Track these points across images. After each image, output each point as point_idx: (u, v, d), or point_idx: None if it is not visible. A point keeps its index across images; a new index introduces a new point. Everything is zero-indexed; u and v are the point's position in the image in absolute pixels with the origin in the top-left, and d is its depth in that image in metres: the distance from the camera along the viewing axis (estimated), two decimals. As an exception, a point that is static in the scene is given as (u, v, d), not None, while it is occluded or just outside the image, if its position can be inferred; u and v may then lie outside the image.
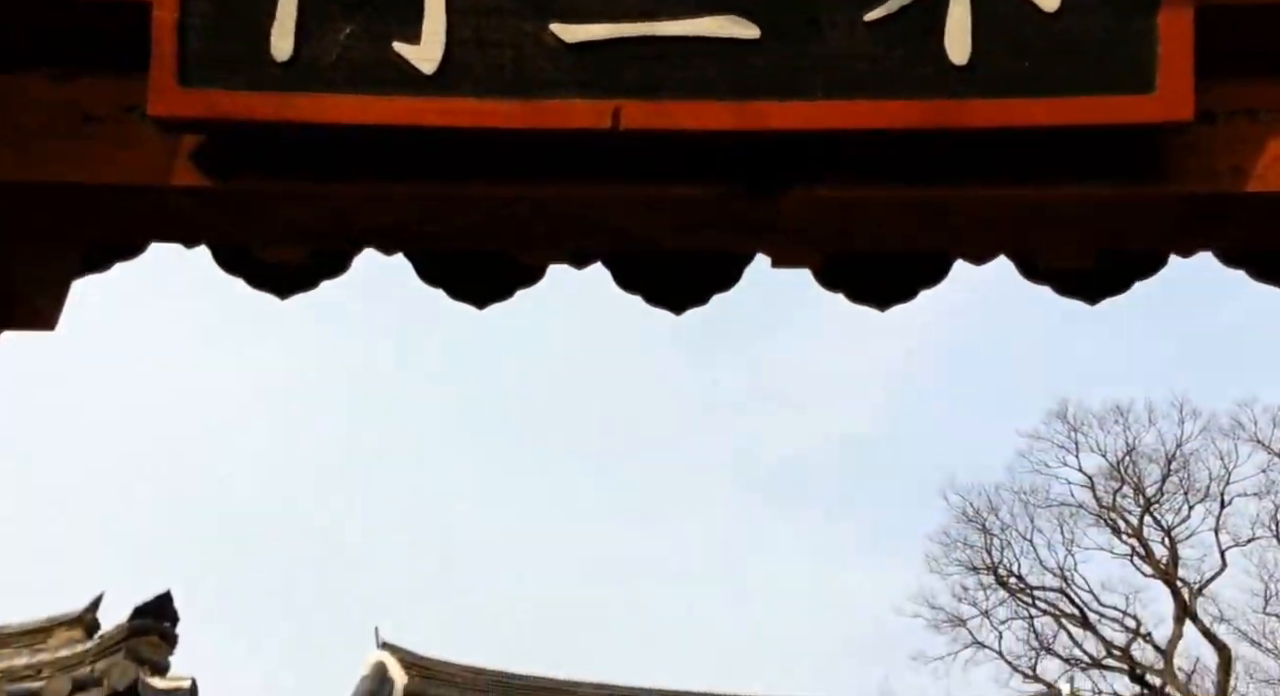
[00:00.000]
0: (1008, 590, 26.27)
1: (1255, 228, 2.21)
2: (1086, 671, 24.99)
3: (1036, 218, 2.36)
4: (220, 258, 2.79)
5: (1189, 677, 23.66)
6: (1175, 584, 24.24)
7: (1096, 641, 25.10)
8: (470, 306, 3.01)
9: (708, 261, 2.91)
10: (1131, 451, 25.62)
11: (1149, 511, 25.20)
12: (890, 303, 2.96)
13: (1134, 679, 24.39)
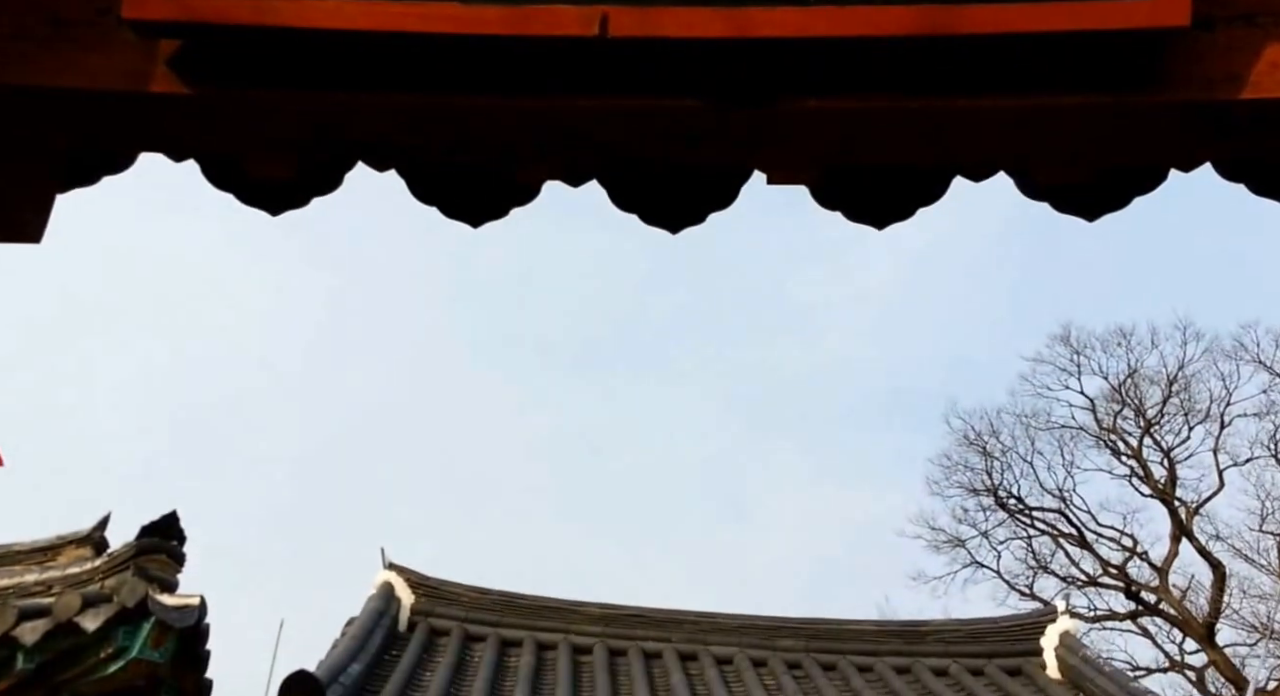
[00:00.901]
0: (1007, 511, 26.63)
1: (1253, 137, 2.16)
2: (1083, 589, 25.48)
3: (1033, 129, 2.31)
4: (209, 172, 2.75)
5: (1183, 594, 24.09)
6: (1173, 503, 24.53)
7: (1093, 560, 25.54)
8: (465, 224, 2.99)
9: (704, 179, 2.87)
10: (1133, 374, 25.70)
11: (1149, 433, 25.37)
12: (888, 221, 2.93)
13: (1129, 596, 24.86)
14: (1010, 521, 26.67)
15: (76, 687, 6.14)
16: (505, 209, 2.96)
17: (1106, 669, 11.39)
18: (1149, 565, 24.85)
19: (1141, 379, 25.59)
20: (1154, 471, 25.23)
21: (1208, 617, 23.08)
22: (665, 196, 2.92)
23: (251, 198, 2.84)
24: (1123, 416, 25.91)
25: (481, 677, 10.35)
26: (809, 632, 12.58)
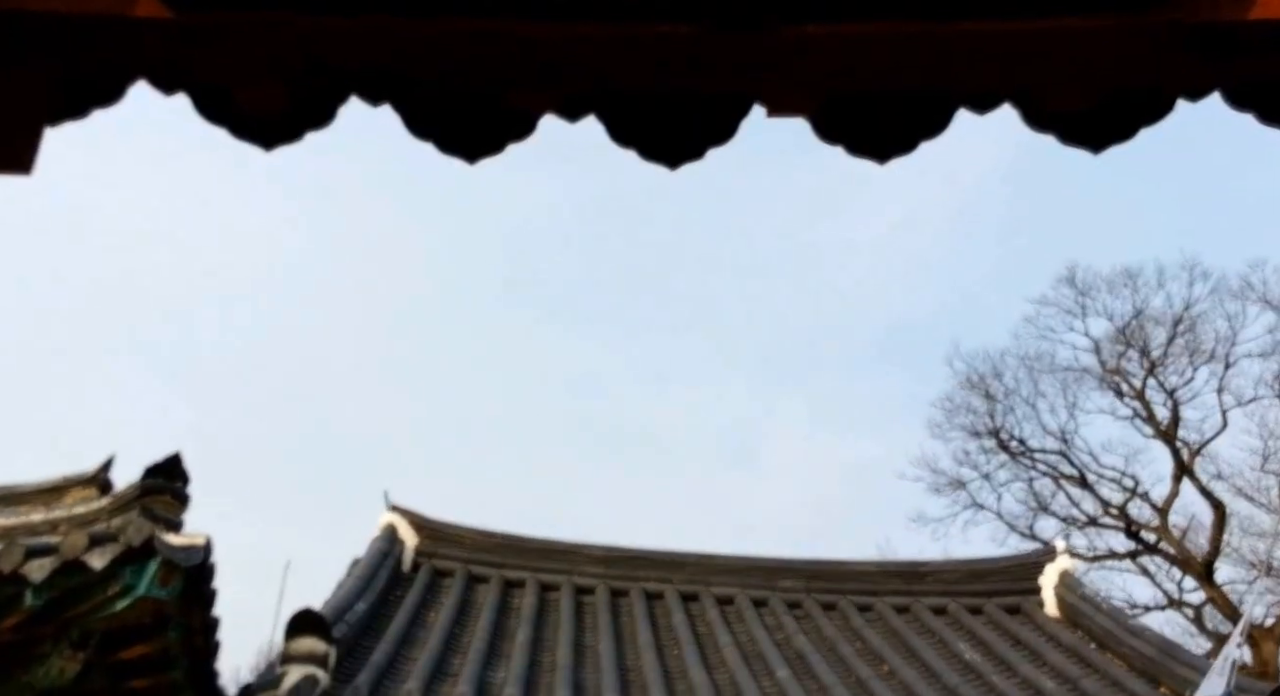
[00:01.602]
0: (1008, 453, 26.77)
1: (1260, 59, 2.11)
2: (1083, 529, 25.72)
3: (1038, 53, 2.26)
4: (200, 105, 2.71)
5: (1183, 534, 24.30)
6: (1175, 444, 24.62)
7: (1094, 501, 25.75)
8: (460, 160, 2.95)
9: (703, 112, 2.82)
10: (1139, 315, 25.65)
11: (1153, 374, 25.38)
12: (890, 154, 2.87)
13: (1129, 536, 25.08)
14: (1012, 463, 26.84)
15: (86, 624, 6.22)
16: (502, 143, 2.92)
17: (1105, 606, 11.52)
18: (1150, 505, 25.05)
19: (1147, 320, 25.56)
20: (1157, 412, 25.32)
21: (1207, 556, 23.29)
22: (664, 131, 2.88)
23: (243, 131, 2.79)
24: (1126, 358, 25.92)
25: (485, 617, 10.49)
26: (809, 573, 12.71)
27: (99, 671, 6.48)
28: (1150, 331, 25.55)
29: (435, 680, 8.40)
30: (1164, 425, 24.95)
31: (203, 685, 7.40)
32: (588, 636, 10.45)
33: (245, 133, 2.82)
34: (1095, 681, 9.67)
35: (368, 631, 9.40)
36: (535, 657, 9.41)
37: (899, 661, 10.19)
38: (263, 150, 2.89)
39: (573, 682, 8.55)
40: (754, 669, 9.62)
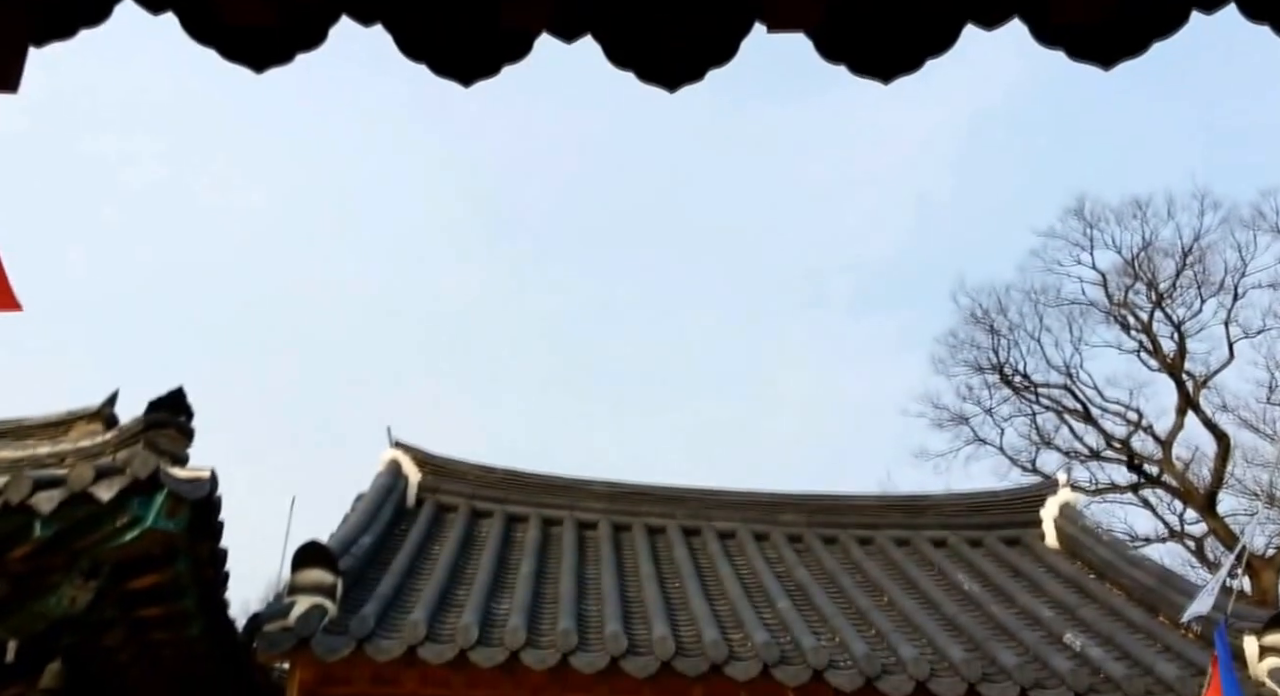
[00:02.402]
0: (1012, 388, 26.82)
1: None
2: (1085, 463, 25.87)
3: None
4: (187, 23, 2.66)
5: (1186, 466, 24.44)
6: (1180, 376, 24.60)
7: (1097, 435, 25.86)
8: (455, 82, 2.90)
9: (702, 32, 2.77)
10: (1148, 246, 25.48)
11: (1160, 306, 25.28)
12: (895, 74, 2.82)
13: (1132, 468, 25.22)
14: (1015, 398, 26.92)
15: (95, 554, 6.31)
16: (497, 65, 2.87)
17: (1105, 537, 11.63)
18: (1153, 438, 25.14)
19: (1155, 252, 25.39)
20: (1163, 345, 25.27)
21: (1209, 487, 23.43)
22: (662, 51, 2.82)
23: (233, 51, 2.75)
24: (1134, 290, 25.82)
25: (489, 550, 10.60)
26: (810, 507, 12.81)
27: (111, 600, 6.59)
28: (1159, 263, 25.42)
29: (440, 610, 8.51)
30: (1170, 358, 24.93)
31: (213, 614, 7.54)
32: (590, 569, 10.57)
33: (235, 53, 2.77)
34: (1093, 610, 9.81)
35: (373, 563, 9.51)
36: (538, 589, 9.53)
37: (898, 592, 10.31)
38: (254, 72, 2.85)
39: (576, 613, 8.67)
40: (755, 600, 9.75)
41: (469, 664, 7.71)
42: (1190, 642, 8.74)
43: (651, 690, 8.02)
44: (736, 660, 7.93)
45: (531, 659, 7.74)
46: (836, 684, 7.84)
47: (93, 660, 7.04)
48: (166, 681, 8.10)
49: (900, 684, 7.87)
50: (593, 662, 7.77)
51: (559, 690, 8.09)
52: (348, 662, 7.63)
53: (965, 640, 8.89)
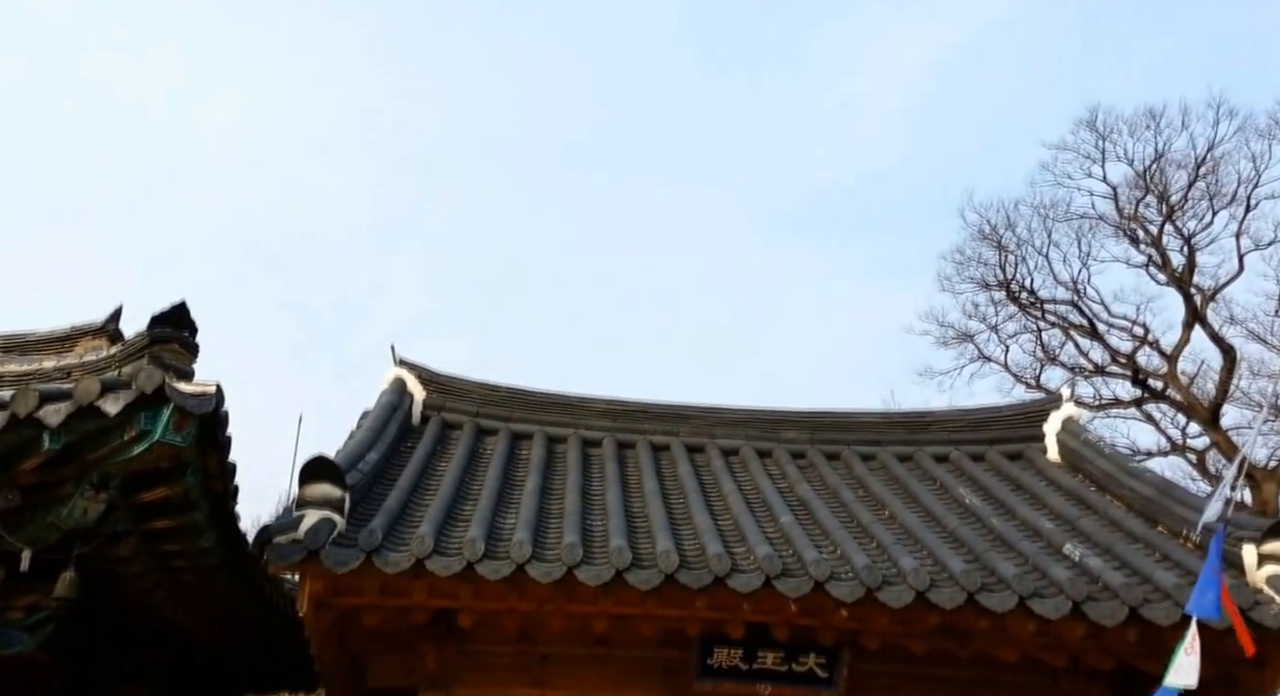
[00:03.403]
0: (1018, 305, 26.81)
1: None
2: (1089, 379, 26.00)
3: None
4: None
5: (1191, 381, 24.55)
6: (1189, 290, 24.55)
7: (1102, 350, 25.96)
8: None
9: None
10: (1160, 158, 25.22)
11: (1170, 219, 25.12)
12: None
13: (1136, 383, 25.30)
14: (1021, 315, 26.94)
15: (105, 467, 6.38)
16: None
17: (1106, 450, 11.66)
18: (1159, 353, 25.21)
19: (1168, 163, 25.16)
20: (1172, 259, 25.18)
21: (1214, 400, 23.54)
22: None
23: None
24: (1145, 203, 25.63)
25: (494, 467, 10.69)
26: (813, 424, 12.88)
27: (122, 512, 6.67)
28: (1171, 175, 25.20)
29: (447, 525, 8.60)
30: (1178, 272, 24.84)
31: (223, 527, 7.64)
32: (594, 485, 10.66)
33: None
34: (1093, 521, 9.90)
35: (380, 479, 9.59)
36: (543, 505, 9.61)
37: (900, 506, 10.41)
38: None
39: (580, 528, 8.76)
40: (757, 515, 9.84)
41: (476, 576, 7.82)
42: (1189, 552, 8.83)
43: (655, 602, 8.14)
44: (739, 572, 8.03)
45: (537, 572, 7.84)
46: (837, 595, 7.95)
47: (106, 571, 7.16)
48: (180, 592, 8.25)
49: (900, 594, 7.98)
50: (597, 575, 7.87)
51: (564, 602, 8.22)
52: (357, 574, 7.73)
53: (965, 552, 9.00)
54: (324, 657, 8.72)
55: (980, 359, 27.46)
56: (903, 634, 8.51)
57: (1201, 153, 24.67)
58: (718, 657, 8.75)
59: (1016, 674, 9.06)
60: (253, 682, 13.01)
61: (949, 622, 8.18)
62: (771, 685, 8.82)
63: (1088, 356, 26.18)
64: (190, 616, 8.89)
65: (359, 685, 9.36)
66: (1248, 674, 8.38)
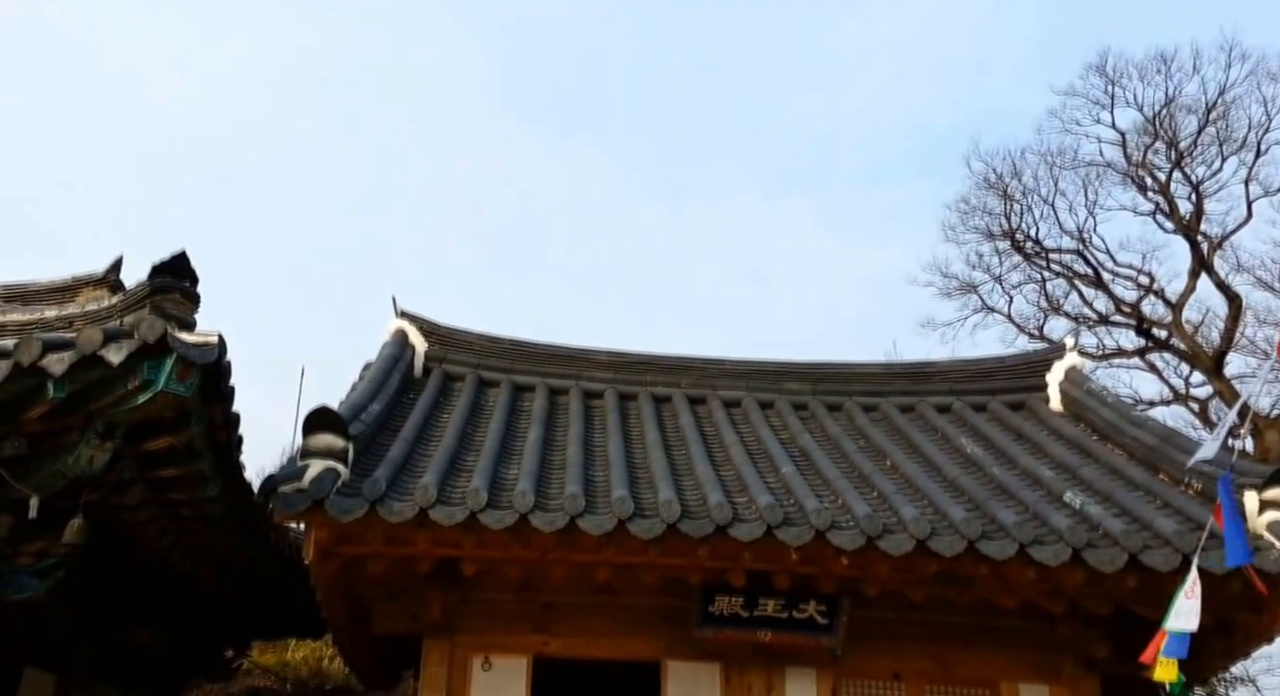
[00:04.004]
0: (1023, 255, 26.67)
1: None
2: (1093, 329, 25.95)
3: None
4: None
5: (1196, 329, 24.48)
6: (1196, 237, 24.38)
7: (1107, 300, 25.88)
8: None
9: None
10: (1170, 103, 24.91)
11: (1179, 166, 24.88)
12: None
13: (1140, 333, 25.25)
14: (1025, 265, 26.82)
15: (110, 417, 6.40)
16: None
17: (1109, 399, 11.64)
18: (1164, 302, 25.13)
19: (1178, 108, 24.85)
20: (1180, 206, 24.98)
21: (1218, 349, 23.49)
22: None
23: None
24: (1154, 150, 25.39)
25: (496, 418, 10.72)
26: (815, 375, 12.88)
27: (128, 461, 6.71)
28: (1180, 121, 24.92)
29: (450, 475, 8.64)
30: (1186, 219, 24.67)
31: (229, 476, 7.68)
32: (597, 437, 10.69)
33: None
34: (1094, 470, 9.92)
35: (382, 430, 9.61)
36: (546, 456, 9.65)
37: (901, 456, 10.44)
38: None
39: (583, 479, 8.80)
40: (759, 466, 9.87)
41: (479, 526, 7.86)
42: (1190, 499, 8.86)
43: (657, 551, 8.20)
44: (741, 522, 8.07)
45: (540, 521, 7.88)
46: (838, 543, 7.99)
47: (114, 518, 7.23)
48: (187, 540, 8.33)
49: (901, 542, 8.03)
50: (600, 525, 7.91)
51: (566, 551, 8.27)
52: (361, 523, 7.79)
53: (966, 501, 9.05)
54: (330, 605, 8.81)
55: (984, 310, 27.44)
56: (903, 581, 8.59)
57: (1212, 97, 24.39)
58: (719, 605, 8.83)
59: (1015, 619, 9.17)
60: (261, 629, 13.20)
61: (949, 570, 8.25)
62: (772, 631, 8.92)
63: (1092, 306, 26.12)
64: (198, 564, 8.98)
65: (365, 632, 9.48)
66: (1245, 618, 8.47)
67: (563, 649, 9.32)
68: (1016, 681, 9.37)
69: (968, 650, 9.37)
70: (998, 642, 9.37)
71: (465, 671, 9.14)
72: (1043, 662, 9.36)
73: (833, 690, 9.26)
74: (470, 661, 9.19)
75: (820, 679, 9.27)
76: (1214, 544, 7.70)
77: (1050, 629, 9.32)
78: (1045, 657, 9.36)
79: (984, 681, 9.39)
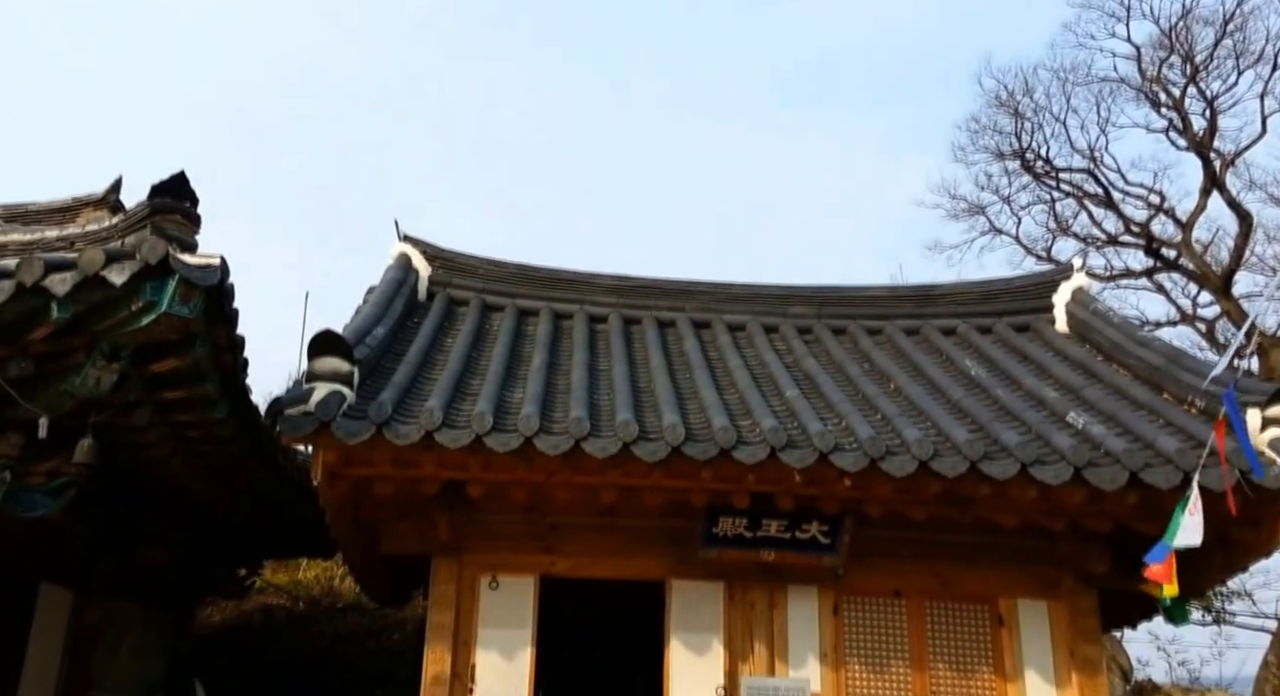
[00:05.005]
0: (1033, 174, 26.40)
1: None
2: (1102, 249, 25.80)
3: None
4: None
5: (1205, 249, 24.33)
6: (1208, 154, 24.08)
7: (1116, 220, 25.67)
8: None
9: None
10: (1187, 15, 24.39)
11: (1194, 81, 24.45)
12: None
13: (1149, 253, 25.09)
14: (1035, 185, 26.58)
15: (114, 338, 6.40)
16: None
17: (1115, 319, 11.59)
18: (1174, 221, 24.93)
19: (1195, 20, 24.33)
20: (1193, 123, 24.62)
21: (1228, 267, 23.37)
22: None
23: None
24: (1168, 65, 24.94)
25: (501, 343, 10.73)
26: (820, 299, 12.86)
27: (134, 382, 6.74)
28: (1197, 33, 24.40)
29: (455, 399, 8.67)
30: (1199, 136, 24.33)
31: (235, 399, 7.72)
32: (601, 361, 10.69)
33: None
34: (1098, 390, 9.93)
35: (387, 354, 9.64)
36: (550, 380, 9.67)
37: (905, 379, 10.45)
38: None
39: (588, 403, 8.83)
40: (763, 389, 9.90)
41: (484, 449, 7.92)
42: (1193, 417, 8.88)
43: (662, 473, 8.26)
44: (744, 444, 8.12)
45: (545, 444, 7.93)
46: (841, 465, 8.05)
47: (123, 440, 7.28)
48: (197, 462, 8.40)
49: (903, 463, 8.08)
50: (605, 448, 7.96)
51: (571, 474, 8.34)
52: (368, 446, 7.84)
53: (969, 422, 9.08)
54: (339, 526, 8.93)
55: (991, 231, 27.28)
56: (905, 502, 8.67)
57: (1230, 7, 23.85)
58: (723, 526, 8.94)
59: (1015, 538, 9.27)
60: (273, 549, 13.42)
61: (951, 490, 8.32)
62: (775, 551, 9.04)
63: (1101, 226, 25.93)
64: (208, 485, 9.08)
65: (374, 552, 9.63)
66: (1243, 533, 8.55)
67: (569, 568, 9.47)
68: (1015, 597, 9.53)
69: (967, 567, 9.51)
70: (997, 559, 9.51)
71: (474, 590, 9.31)
72: (1041, 578, 9.51)
73: (834, 607, 9.43)
74: (478, 580, 9.35)
75: (822, 596, 9.44)
76: (1214, 461, 7.75)
77: (1049, 546, 9.43)
78: (1044, 573, 9.50)
79: (982, 597, 9.55)
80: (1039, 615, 9.47)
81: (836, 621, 9.39)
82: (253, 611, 17.06)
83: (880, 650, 9.36)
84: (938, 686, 9.26)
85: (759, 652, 9.21)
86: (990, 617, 9.49)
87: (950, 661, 9.33)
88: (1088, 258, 17.48)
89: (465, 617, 9.18)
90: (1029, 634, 9.42)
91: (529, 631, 9.22)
